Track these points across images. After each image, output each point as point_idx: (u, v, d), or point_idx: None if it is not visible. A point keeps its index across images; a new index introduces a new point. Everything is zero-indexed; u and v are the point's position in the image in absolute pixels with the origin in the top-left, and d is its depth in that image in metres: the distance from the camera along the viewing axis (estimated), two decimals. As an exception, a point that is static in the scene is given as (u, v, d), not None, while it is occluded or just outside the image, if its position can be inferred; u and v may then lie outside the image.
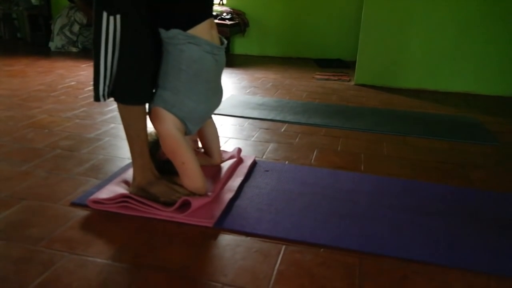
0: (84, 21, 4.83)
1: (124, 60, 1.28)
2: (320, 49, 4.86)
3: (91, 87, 3.00)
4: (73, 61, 4.12)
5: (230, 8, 4.84)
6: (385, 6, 3.32)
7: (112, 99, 1.34)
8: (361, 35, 3.46)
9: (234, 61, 4.51)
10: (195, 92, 1.38)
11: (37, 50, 4.70)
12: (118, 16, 1.22)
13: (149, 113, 1.38)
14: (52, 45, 4.77)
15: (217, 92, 1.53)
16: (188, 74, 1.35)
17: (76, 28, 4.82)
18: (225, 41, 1.48)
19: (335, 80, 3.69)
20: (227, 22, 4.48)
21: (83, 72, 3.60)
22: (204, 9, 1.39)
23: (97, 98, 1.30)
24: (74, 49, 4.77)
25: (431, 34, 3.30)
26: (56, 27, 4.78)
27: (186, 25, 1.31)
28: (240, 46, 5.08)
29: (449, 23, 3.25)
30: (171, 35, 1.31)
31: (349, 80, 3.67)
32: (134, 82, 1.31)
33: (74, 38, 4.82)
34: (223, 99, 1.57)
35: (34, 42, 5.11)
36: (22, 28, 5.44)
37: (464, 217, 1.38)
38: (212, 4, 1.46)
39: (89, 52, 4.76)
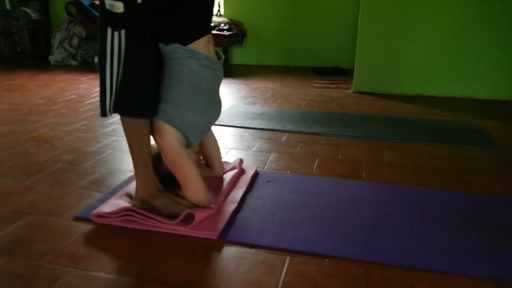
0: (83, 34, 4.87)
1: (128, 74, 1.29)
2: (318, 57, 4.89)
3: (92, 100, 3.03)
4: (73, 74, 4.14)
5: (228, 19, 4.88)
6: (381, 12, 3.34)
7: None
8: (358, 43, 3.48)
9: (232, 71, 4.53)
10: (196, 105, 1.40)
11: (37, 63, 4.73)
12: (122, 32, 1.24)
13: (151, 127, 1.39)
14: (52, 59, 4.80)
15: (217, 104, 1.54)
16: (189, 88, 1.36)
17: (75, 41, 4.85)
18: (223, 56, 1.50)
19: (333, 88, 3.70)
20: (225, 33, 4.51)
21: (83, 85, 3.62)
22: (203, 25, 1.41)
23: (104, 114, 1.31)
24: (73, 62, 4.79)
25: (428, 40, 3.33)
26: (55, 41, 4.81)
27: (186, 41, 1.33)
28: (238, 56, 5.11)
29: (445, 28, 3.28)
30: (172, 50, 1.33)
31: (348, 88, 3.68)
32: (138, 96, 1.33)
33: (74, 51, 4.84)
34: (223, 109, 1.59)
35: (34, 56, 5.14)
36: (22, 42, 5.47)
37: (468, 223, 1.39)
38: (210, 20, 1.48)
39: (89, 64, 4.79)
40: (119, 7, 1.24)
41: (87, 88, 3.47)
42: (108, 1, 1.25)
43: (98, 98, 3.03)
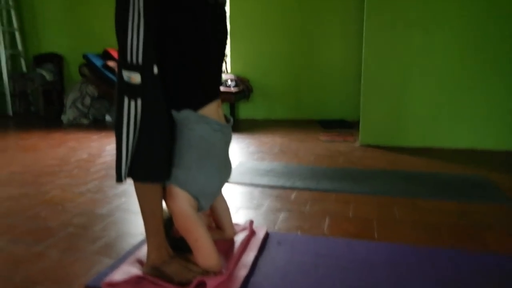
0: (96, 94, 5.04)
1: (142, 140, 1.33)
2: (323, 110, 5.00)
3: (102, 160, 3.09)
4: (84, 132, 4.25)
5: (235, 76, 5.04)
6: (384, 65, 3.44)
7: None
8: (362, 96, 3.56)
9: (240, 126, 4.62)
10: (207, 169, 1.42)
11: (50, 123, 4.87)
12: (139, 101, 1.30)
13: (163, 191, 1.41)
14: (64, 118, 4.94)
15: (227, 166, 1.57)
16: (199, 152, 1.40)
17: (87, 100, 5.02)
18: (231, 119, 1.55)
19: (340, 141, 3.75)
20: (232, 89, 4.65)
21: (94, 143, 3.70)
22: (214, 91, 1.47)
23: (119, 179, 1.34)
24: (85, 121, 4.92)
25: (431, 92, 3.39)
26: (68, 101, 4.98)
27: (197, 106, 1.39)
28: (245, 111, 5.23)
29: (448, 78, 3.34)
30: (183, 116, 1.38)
31: (354, 141, 3.72)
32: (151, 161, 1.36)
33: (86, 111, 5.00)
34: (232, 166, 1.61)
35: (47, 116, 5.30)
36: (36, 102, 5.67)
37: (485, 285, 1.35)
38: (220, 84, 1.55)
39: (100, 123, 4.92)
40: (136, 79, 1.31)
41: (98, 147, 3.54)
42: (126, 73, 1.33)
43: (108, 158, 3.09)
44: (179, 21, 1.36)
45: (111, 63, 4.95)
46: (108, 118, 5.08)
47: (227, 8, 5.07)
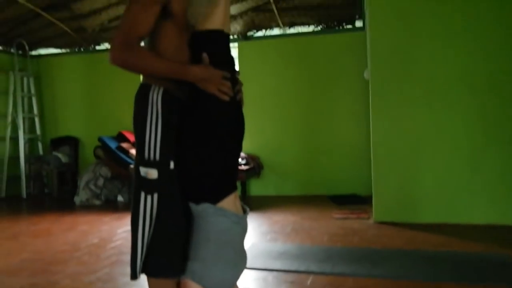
0: (109, 175, 5.13)
1: (158, 234, 1.33)
2: (334, 185, 4.98)
3: (113, 244, 3.06)
4: (96, 214, 4.25)
5: (245, 154, 5.13)
6: (392, 141, 3.48)
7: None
8: (373, 172, 3.57)
9: (251, 204, 4.60)
10: (223, 262, 1.40)
11: (63, 205, 4.91)
12: (155, 195, 1.33)
13: (178, 286, 1.38)
14: (77, 199, 4.98)
15: (243, 257, 1.54)
16: (217, 245, 1.38)
17: (101, 182, 5.09)
18: (247, 209, 1.56)
19: (354, 218, 3.69)
20: (243, 167, 4.70)
21: (106, 226, 3.69)
22: (232, 183, 1.49)
23: (134, 276, 1.32)
24: (97, 202, 4.95)
25: (443, 165, 3.38)
26: (82, 182, 5.06)
27: (216, 199, 1.40)
28: (256, 187, 5.24)
29: (459, 153, 3.34)
30: (201, 209, 1.39)
31: (368, 218, 3.66)
32: (166, 256, 1.35)
33: (98, 191, 5.05)
34: (246, 248, 1.57)
35: (60, 197, 5.35)
36: (50, 184, 5.76)
37: None
38: (237, 177, 1.57)
39: (112, 204, 4.94)
40: (153, 174, 1.35)
41: (109, 231, 3.52)
42: (142, 169, 1.37)
43: (119, 242, 3.05)
44: (199, 123, 1.42)
45: (125, 145, 5.10)
46: (120, 198, 5.11)
47: (237, 89, 5.30)
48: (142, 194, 1.33)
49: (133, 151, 5.01)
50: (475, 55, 3.29)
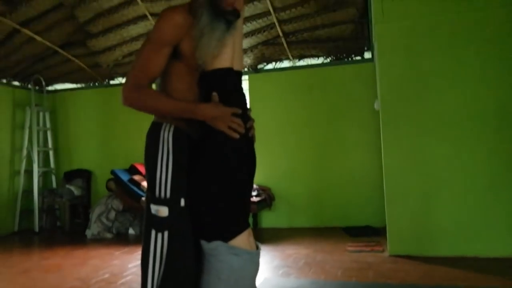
0: (120, 208, 5.13)
1: (168, 273, 1.32)
2: (348, 216, 4.90)
3: (123, 280, 3.03)
4: (108, 248, 4.24)
5: (256, 185, 5.10)
6: (405, 172, 3.42)
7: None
8: (386, 204, 3.51)
9: (263, 236, 4.54)
10: (234, 301, 1.37)
11: (74, 238, 4.90)
12: (165, 233, 1.33)
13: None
14: (88, 233, 4.98)
15: (253, 293, 1.51)
16: (228, 284, 1.36)
17: (112, 215, 5.09)
18: (260, 246, 1.53)
19: (368, 251, 3.61)
20: (254, 199, 4.67)
21: (116, 260, 3.66)
22: (245, 221, 1.47)
23: None
24: (108, 235, 4.94)
25: (458, 195, 3.31)
26: (94, 215, 5.07)
27: (228, 238, 1.38)
28: (268, 219, 5.18)
29: (476, 182, 3.27)
30: (213, 247, 1.37)
31: (383, 251, 3.58)
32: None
33: (110, 224, 5.05)
34: (258, 284, 1.54)
35: (72, 231, 5.36)
36: (62, 217, 5.78)
37: None
38: (249, 213, 1.56)
39: (123, 237, 4.93)
40: (164, 212, 1.35)
41: (120, 265, 3.49)
42: (154, 207, 1.38)
43: (129, 277, 3.03)
44: (211, 161, 1.43)
45: (137, 177, 5.13)
46: (131, 231, 5.10)
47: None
48: (153, 232, 1.33)
49: (144, 184, 5.02)
50: (484, 88, 3.28)
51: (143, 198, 4.72)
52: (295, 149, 5.16)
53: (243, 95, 1.58)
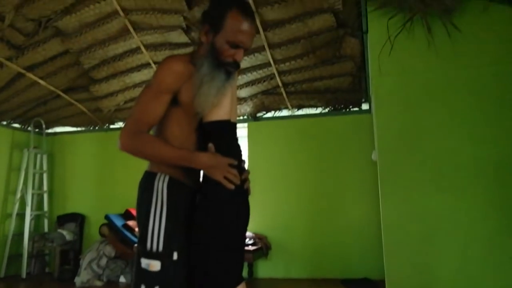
0: (112, 254, 5.00)
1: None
2: (345, 268, 4.79)
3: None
4: (97, 297, 4.08)
5: (252, 233, 5.02)
6: (404, 225, 3.37)
7: None
8: (385, 255, 3.44)
9: (259, 287, 4.40)
10: None
11: (62, 286, 4.73)
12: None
13: None
14: (77, 280, 4.81)
15: None
16: None
17: (103, 261, 4.95)
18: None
19: (367, 306, 3.49)
20: (250, 248, 4.58)
21: (106, 311, 3.52)
22: (238, 274, 1.45)
23: None
24: (98, 283, 4.77)
25: (458, 248, 3.23)
26: (84, 262, 4.92)
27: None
28: (264, 269, 5.05)
29: (476, 236, 3.21)
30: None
31: (383, 306, 3.47)
32: None
33: (100, 272, 4.89)
34: None
35: (61, 277, 5.17)
36: (51, 263, 5.60)
37: None
38: (242, 267, 1.53)
39: (113, 285, 4.76)
40: (156, 266, 1.31)
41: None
42: (145, 261, 1.32)
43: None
44: (206, 214, 1.42)
45: (131, 223, 5.04)
46: (122, 279, 4.93)
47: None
48: (143, 286, 1.29)
49: (139, 230, 4.93)
50: (482, 142, 3.32)
51: (136, 245, 4.61)
52: (293, 197, 5.13)
53: (239, 147, 1.60)
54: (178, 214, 1.39)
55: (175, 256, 1.32)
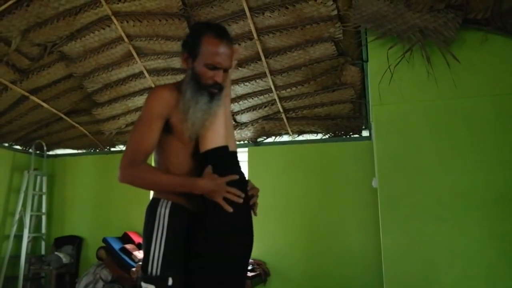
0: (109, 278, 4.93)
1: None
2: (345, 296, 4.72)
3: None
4: (92, 324, 4.00)
5: (251, 259, 4.97)
6: (405, 254, 3.33)
7: None
8: (385, 284, 3.39)
9: (257, 316, 4.32)
10: None
11: (58, 311, 4.64)
12: None
13: None
14: (73, 305, 4.74)
15: None
16: None
17: (100, 285, 4.88)
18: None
19: (367, 338, 3.42)
20: (248, 273, 4.52)
21: None
22: None
23: None
24: (94, 308, 4.70)
25: (458, 278, 3.19)
26: (81, 286, 4.85)
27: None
28: (263, 298, 4.97)
29: (476, 266, 3.18)
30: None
31: (383, 338, 3.39)
32: None
33: (96, 297, 4.81)
34: None
35: (55, 302, 5.10)
36: (47, 286, 5.53)
37: None
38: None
39: (109, 311, 4.67)
40: None
41: None
42: (144, 285, 1.35)
43: None
44: (207, 242, 1.42)
45: (129, 247, 4.99)
46: (118, 305, 4.85)
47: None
48: None
49: (136, 253, 4.88)
50: (482, 171, 3.32)
51: (133, 269, 4.56)
52: (292, 223, 5.09)
53: (240, 167, 1.61)
54: (177, 240, 1.41)
55: (170, 281, 1.34)
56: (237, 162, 1.61)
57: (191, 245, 1.42)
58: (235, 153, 1.61)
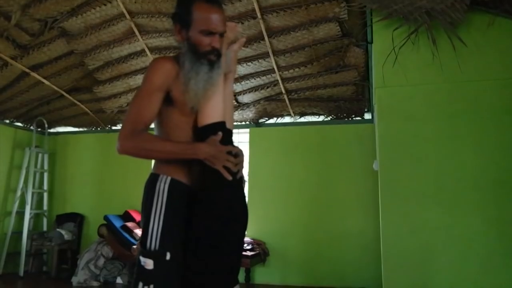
0: (110, 255, 5.00)
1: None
2: (342, 276, 4.78)
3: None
4: (93, 299, 4.07)
5: (251, 239, 5.02)
6: (402, 236, 3.36)
7: None
8: (383, 266, 3.43)
9: (255, 294, 4.39)
10: None
11: (59, 285, 4.73)
12: (151, 286, 1.31)
13: None
14: (74, 280, 4.81)
15: None
16: None
17: (101, 262, 4.95)
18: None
19: (364, 317, 3.48)
20: (248, 253, 4.57)
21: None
22: (234, 276, 1.46)
23: None
24: (95, 283, 4.77)
25: (457, 262, 3.21)
26: (82, 262, 4.92)
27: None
28: (261, 275, 5.04)
29: (474, 250, 3.19)
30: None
31: (379, 317, 3.45)
32: None
33: (97, 272, 4.89)
34: None
35: (58, 277, 5.17)
36: (49, 262, 5.61)
37: None
38: (239, 269, 1.54)
39: (110, 286, 4.76)
40: (150, 264, 1.35)
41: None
42: (142, 259, 1.37)
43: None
44: (204, 217, 1.43)
45: (130, 224, 5.04)
46: (119, 280, 4.93)
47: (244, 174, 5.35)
48: (140, 285, 1.32)
49: (137, 231, 4.94)
50: (483, 156, 3.32)
51: (134, 246, 4.61)
52: (292, 205, 5.12)
53: (235, 147, 1.61)
54: (176, 215, 1.42)
55: (168, 256, 1.36)
56: (232, 142, 1.60)
57: (189, 224, 1.43)
58: (230, 131, 1.61)
